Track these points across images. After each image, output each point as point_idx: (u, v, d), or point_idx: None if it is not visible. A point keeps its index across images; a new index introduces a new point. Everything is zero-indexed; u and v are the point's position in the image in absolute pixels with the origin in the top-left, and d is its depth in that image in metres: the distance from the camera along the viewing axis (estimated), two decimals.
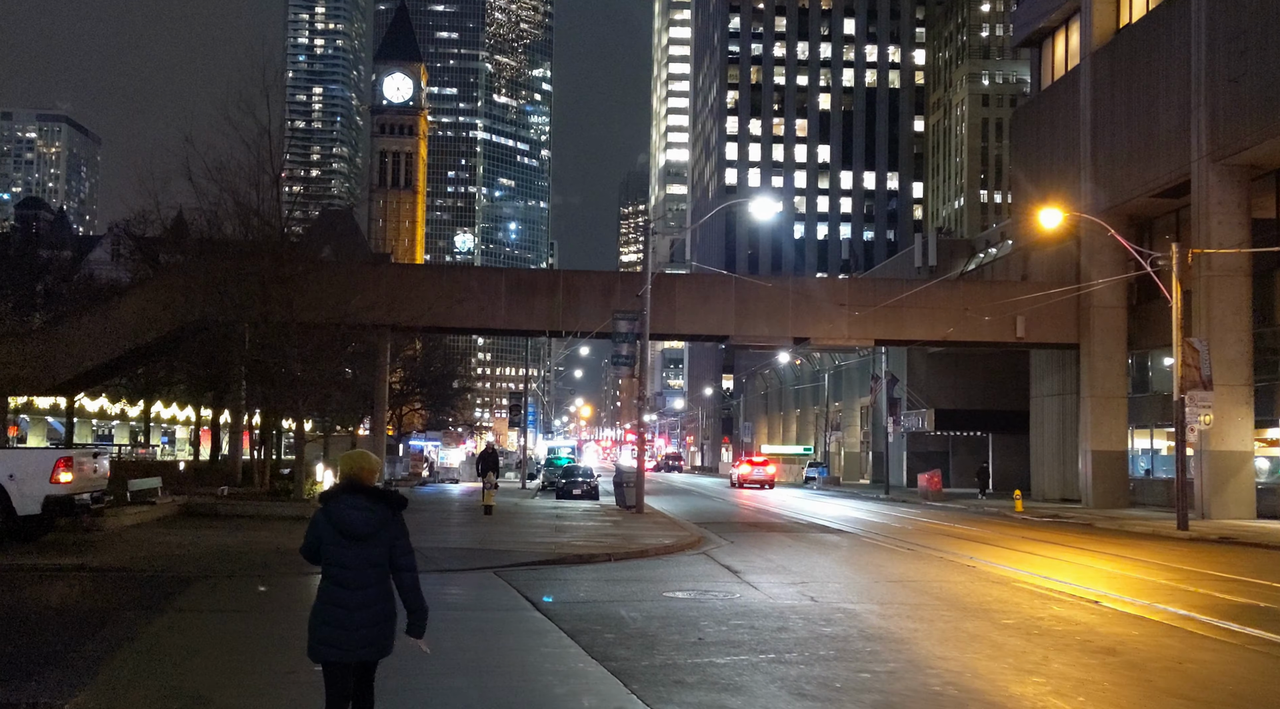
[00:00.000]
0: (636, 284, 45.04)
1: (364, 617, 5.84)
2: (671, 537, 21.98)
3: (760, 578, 15.60)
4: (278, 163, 24.67)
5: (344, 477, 6.12)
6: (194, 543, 18.19)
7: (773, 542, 23.01)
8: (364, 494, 6.00)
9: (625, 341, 30.87)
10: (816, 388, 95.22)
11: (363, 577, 5.88)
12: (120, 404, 67.67)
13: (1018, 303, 43.56)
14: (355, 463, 6.12)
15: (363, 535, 5.89)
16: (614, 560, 17.85)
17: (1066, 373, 48.16)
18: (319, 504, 6.15)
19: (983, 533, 27.95)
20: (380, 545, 5.94)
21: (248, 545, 18.16)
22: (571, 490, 43.34)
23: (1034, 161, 48.86)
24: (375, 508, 5.97)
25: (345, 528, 5.88)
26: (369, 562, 5.90)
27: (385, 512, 5.99)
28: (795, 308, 43.57)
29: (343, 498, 5.99)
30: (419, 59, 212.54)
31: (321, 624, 5.85)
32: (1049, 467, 49.75)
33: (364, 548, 5.89)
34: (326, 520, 5.95)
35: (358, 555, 5.88)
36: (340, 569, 5.88)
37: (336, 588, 5.88)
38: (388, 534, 5.97)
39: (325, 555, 5.94)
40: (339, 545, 5.90)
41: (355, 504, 5.94)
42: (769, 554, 20.04)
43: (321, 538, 5.97)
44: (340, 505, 5.96)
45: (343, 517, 5.91)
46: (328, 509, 6.00)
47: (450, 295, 42.11)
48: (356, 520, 5.88)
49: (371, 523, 5.91)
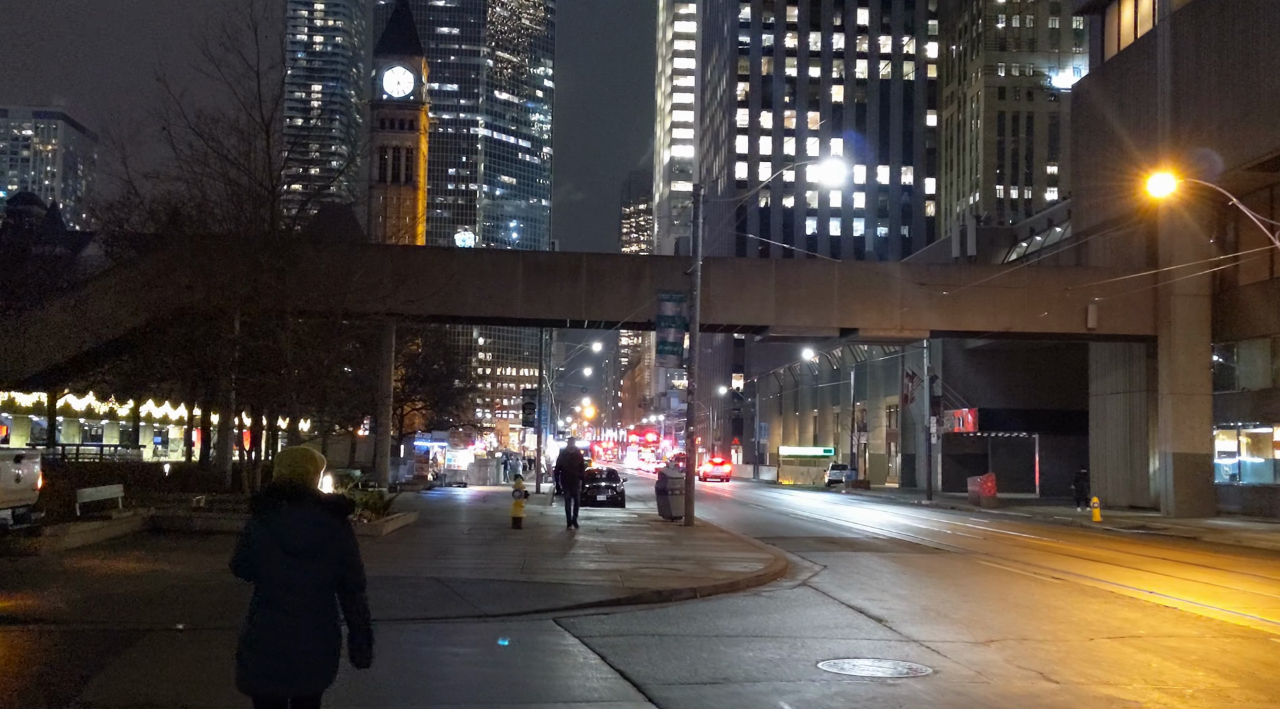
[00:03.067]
0: (667, 268, 40.94)
1: (306, 644, 5.01)
2: (751, 559, 17.82)
3: (919, 630, 11.42)
4: (268, 107, 20.58)
5: (281, 479, 5.18)
6: (149, 575, 13.97)
7: (868, 564, 18.84)
8: (307, 501, 5.13)
9: (672, 326, 26.63)
10: (836, 387, 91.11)
11: (306, 599, 5.02)
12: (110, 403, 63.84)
13: (1088, 291, 39.46)
14: (296, 463, 5.24)
15: (307, 551, 5.03)
16: (702, 596, 13.71)
17: (1134, 368, 44.02)
18: (248, 513, 5.30)
19: (1087, 549, 23.82)
20: (327, 562, 5.07)
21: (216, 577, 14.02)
22: (595, 496, 39.24)
23: (1098, 138, 44.67)
24: (321, 518, 5.10)
25: (287, 543, 5.02)
26: (315, 582, 5.05)
27: (333, 522, 5.13)
28: (841, 295, 39.44)
29: (282, 507, 5.10)
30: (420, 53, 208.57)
31: (254, 651, 5.02)
32: (1113, 471, 45.58)
33: (309, 565, 5.04)
34: (264, 532, 5.07)
35: (302, 574, 5.03)
36: (280, 590, 5.02)
37: (275, 612, 5.01)
38: (335, 548, 5.10)
39: (262, 574, 5.06)
40: (279, 563, 5.03)
41: (300, 516, 5.08)
42: (883, 583, 15.90)
43: (257, 553, 5.08)
44: (280, 516, 5.08)
45: (284, 529, 5.05)
46: (265, 519, 5.09)
47: (462, 280, 37.99)
48: (300, 534, 5.04)
49: (318, 536, 5.07)
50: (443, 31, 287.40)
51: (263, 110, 20.44)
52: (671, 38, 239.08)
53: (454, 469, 59.20)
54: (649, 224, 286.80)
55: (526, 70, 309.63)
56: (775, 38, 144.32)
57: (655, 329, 27.60)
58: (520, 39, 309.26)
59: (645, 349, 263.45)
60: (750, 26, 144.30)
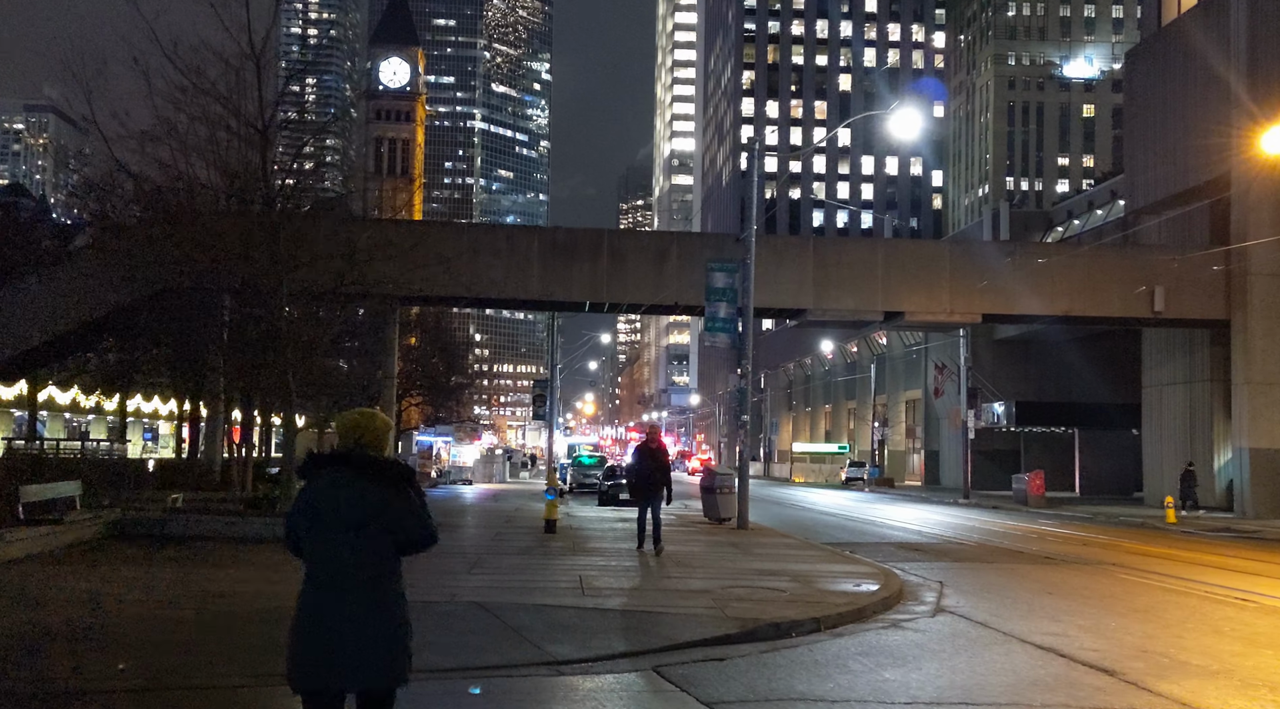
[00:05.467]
0: (695, 247, 37.65)
1: (359, 630, 4.33)
2: (851, 573, 14.50)
3: (1170, 684, 8.06)
4: (259, 35, 17.19)
5: (341, 444, 4.60)
6: (91, 598, 10.64)
7: (988, 579, 15.50)
8: (352, 465, 4.50)
9: (723, 300, 23.31)
10: (852, 381, 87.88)
11: (356, 578, 4.38)
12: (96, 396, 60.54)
13: (1153, 272, 36.24)
14: (356, 426, 4.66)
15: (354, 522, 4.42)
16: (827, 629, 10.40)
17: (1196, 355, 40.81)
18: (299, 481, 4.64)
19: (1208, 556, 20.61)
20: (371, 534, 4.42)
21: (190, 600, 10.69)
22: (618, 495, 36.02)
23: (1154, 109, 41.42)
24: (370, 485, 4.47)
25: (329, 513, 4.44)
26: (365, 558, 4.40)
27: (384, 490, 4.48)
28: (885, 276, 36.12)
29: (323, 474, 4.54)
30: (416, 43, 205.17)
31: (301, 641, 4.37)
32: (1170, 467, 42.27)
33: (357, 539, 4.41)
34: (308, 502, 4.53)
35: (349, 550, 4.39)
36: (324, 567, 4.43)
37: (320, 592, 4.40)
38: (390, 519, 4.44)
39: (307, 550, 4.49)
40: (322, 536, 4.45)
41: (339, 480, 4.49)
42: (1036, 606, 12.57)
43: (301, 525, 4.51)
44: (323, 484, 4.51)
45: (326, 498, 4.48)
46: (310, 488, 4.56)
47: (473, 258, 34.70)
48: (343, 501, 4.45)
49: (365, 505, 4.44)
50: (439, 23, 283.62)
51: (252, 38, 17.13)
52: (672, 28, 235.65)
53: (459, 466, 55.78)
54: (647, 219, 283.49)
55: (523, 64, 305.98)
56: (781, 25, 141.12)
57: (705, 303, 24.24)
58: (517, 31, 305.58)
59: (645, 345, 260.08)
60: (756, 13, 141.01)
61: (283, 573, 13.11)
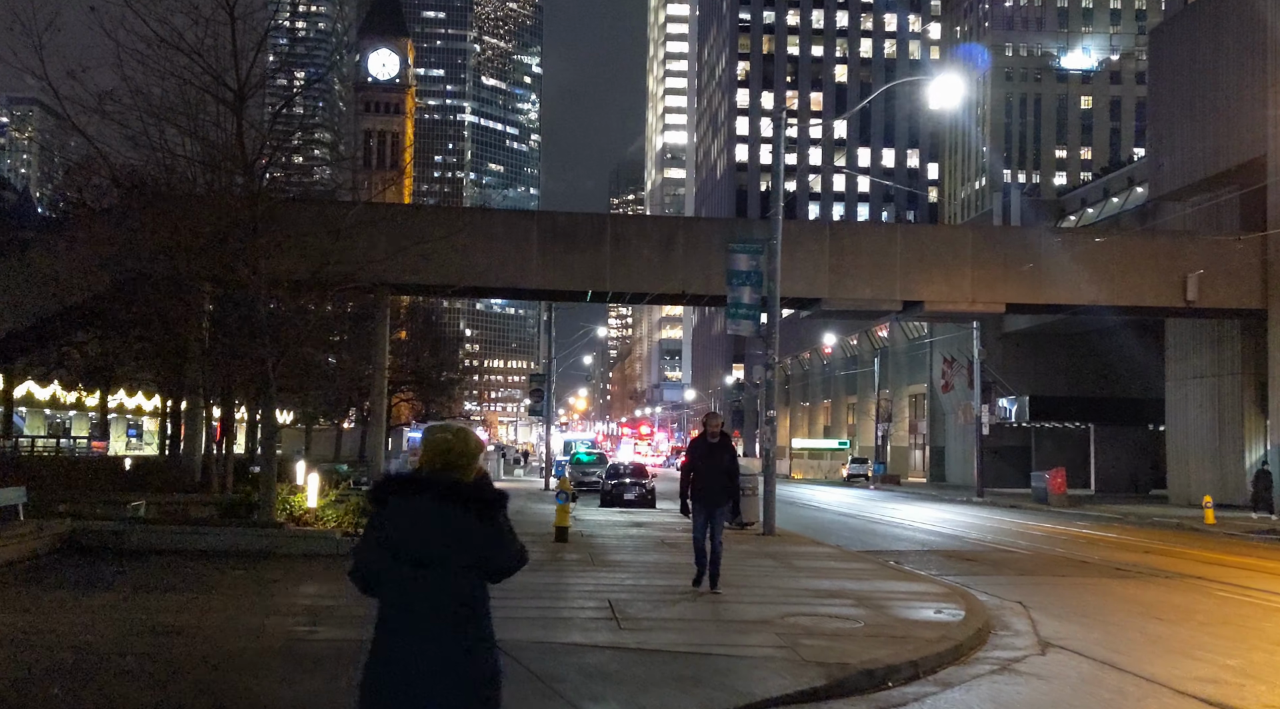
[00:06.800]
0: (704, 232, 35.68)
1: (443, 683, 3.64)
2: (921, 594, 12.49)
3: None
4: None
5: (424, 465, 3.87)
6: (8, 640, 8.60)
7: (1075, 599, 13.40)
8: (435, 490, 3.76)
9: (747, 285, 21.29)
10: (853, 375, 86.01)
11: (438, 619, 3.70)
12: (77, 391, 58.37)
13: (1185, 260, 34.37)
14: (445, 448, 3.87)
15: (435, 556, 3.73)
16: (926, 674, 8.41)
17: (1225, 348, 39.02)
18: (369, 506, 3.94)
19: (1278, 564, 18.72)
20: (456, 569, 3.74)
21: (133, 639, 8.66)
22: (622, 495, 34.14)
23: (1182, 88, 39.53)
24: (455, 513, 3.74)
25: (399, 546, 3.74)
26: (441, 592, 3.72)
27: (470, 518, 3.76)
28: (904, 264, 34.17)
29: (394, 500, 3.79)
30: (406, 34, 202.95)
31: (371, 691, 3.70)
32: (1197, 465, 40.54)
33: (433, 572, 3.72)
34: (377, 532, 3.81)
35: (425, 586, 3.71)
36: (400, 609, 3.73)
37: (395, 638, 3.71)
38: (477, 551, 3.76)
39: (381, 583, 3.78)
40: (395, 572, 3.75)
41: (419, 507, 3.77)
42: (1159, 634, 10.61)
43: (372, 558, 3.80)
44: (392, 510, 3.79)
45: (395, 527, 3.75)
46: (380, 515, 3.81)
47: (468, 245, 32.61)
48: (421, 532, 3.74)
49: (449, 536, 3.74)
50: (429, 15, 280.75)
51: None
52: (663, 20, 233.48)
53: None
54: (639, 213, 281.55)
55: (514, 57, 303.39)
56: (777, 14, 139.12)
57: (726, 287, 22.16)
58: (508, 24, 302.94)
59: (636, 340, 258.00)
60: (751, 3, 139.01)
61: (258, 599, 11.08)
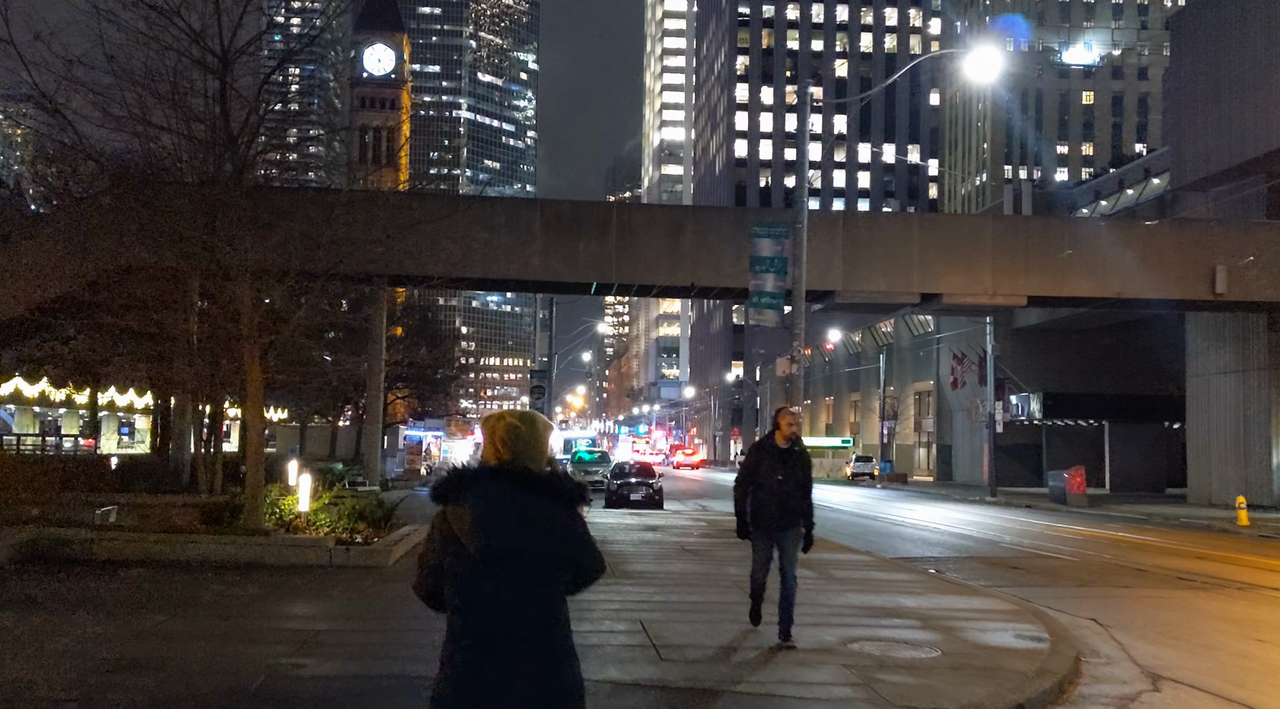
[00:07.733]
0: (713, 222, 34.38)
1: (520, 694, 3.13)
2: (984, 611, 11.18)
3: None
4: None
5: (489, 455, 3.35)
6: None
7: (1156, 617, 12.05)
8: (514, 481, 3.29)
9: (771, 272, 20.00)
10: (856, 373, 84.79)
11: (511, 626, 3.19)
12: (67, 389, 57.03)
13: (1213, 251, 33.12)
14: (513, 433, 3.34)
15: (509, 552, 3.21)
16: None
17: (1251, 342, 37.78)
18: (434, 504, 3.33)
19: None
20: (539, 570, 3.24)
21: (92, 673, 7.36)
22: (629, 496, 32.86)
23: (1205, 75, 38.26)
24: (536, 506, 3.27)
25: (481, 544, 3.21)
26: (522, 597, 3.21)
27: (554, 511, 3.29)
28: (921, 254, 32.87)
29: (475, 489, 3.28)
30: (402, 29, 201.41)
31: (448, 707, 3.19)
32: (1219, 463, 39.31)
33: (513, 574, 3.21)
34: (450, 529, 3.26)
35: (501, 587, 3.21)
36: (473, 618, 3.21)
37: (470, 651, 3.18)
38: (562, 550, 3.28)
39: (452, 591, 3.25)
40: (471, 572, 3.22)
41: (499, 497, 3.27)
42: (1272, 661, 9.36)
43: (444, 561, 3.27)
44: (476, 500, 3.25)
45: (480, 520, 3.22)
46: (452, 512, 3.27)
47: (468, 234, 31.31)
48: (498, 529, 3.23)
49: (531, 532, 3.24)
50: (425, 11, 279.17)
51: None
52: (661, 16, 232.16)
53: (451, 462, 52.34)
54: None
55: (510, 53, 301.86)
56: (776, 9, 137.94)
57: (750, 274, 20.86)
58: (504, 20, 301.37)
59: (633, 338, 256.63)
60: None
61: (237, 623, 9.74)
